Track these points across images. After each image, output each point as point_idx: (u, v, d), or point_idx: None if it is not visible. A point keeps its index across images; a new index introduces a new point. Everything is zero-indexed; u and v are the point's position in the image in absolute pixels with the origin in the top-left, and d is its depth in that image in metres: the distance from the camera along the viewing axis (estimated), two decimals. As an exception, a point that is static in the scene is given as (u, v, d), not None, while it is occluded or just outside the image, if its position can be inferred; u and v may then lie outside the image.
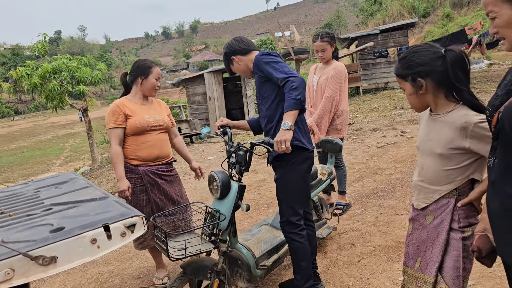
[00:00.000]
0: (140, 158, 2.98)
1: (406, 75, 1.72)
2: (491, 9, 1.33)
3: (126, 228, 1.53)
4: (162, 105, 3.22)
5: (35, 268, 1.32)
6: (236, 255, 2.61)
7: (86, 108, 11.31)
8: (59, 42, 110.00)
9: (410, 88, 1.74)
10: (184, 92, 16.06)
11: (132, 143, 2.99)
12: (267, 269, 2.72)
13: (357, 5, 76.11)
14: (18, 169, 18.06)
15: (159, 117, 3.04)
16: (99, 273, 3.68)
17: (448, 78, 1.64)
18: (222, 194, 2.41)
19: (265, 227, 3.13)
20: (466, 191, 1.73)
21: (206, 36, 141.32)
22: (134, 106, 3.01)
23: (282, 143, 2.24)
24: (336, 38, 4.04)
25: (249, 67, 2.60)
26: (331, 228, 3.46)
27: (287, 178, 2.53)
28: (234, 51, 2.59)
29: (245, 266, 2.60)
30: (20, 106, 55.74)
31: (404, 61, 1.74)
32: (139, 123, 2.93)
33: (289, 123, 2.25)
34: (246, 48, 2.59)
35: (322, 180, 3.28)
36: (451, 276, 1.76)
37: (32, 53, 10.52)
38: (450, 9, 27.25)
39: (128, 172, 3.03)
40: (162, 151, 3.05)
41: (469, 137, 1.63)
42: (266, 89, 2.51)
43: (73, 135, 30.23)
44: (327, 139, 3.41)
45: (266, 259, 2.75)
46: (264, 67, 2.42)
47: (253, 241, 2.88)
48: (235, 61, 2.61)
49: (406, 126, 8.24)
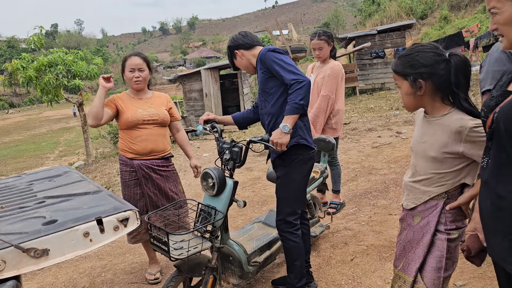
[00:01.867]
0: (135, 152, 2.97)
1: (407, 74, 1.67)
2: (494, 4, 1.31)
3: (119, 222, 1.53)
4: (163, 99, 3.16)
5: (26, 261, 1.32)
6: (228, 251, 2.59)
7: (81, 102, 11.25)
8: (55, 35, 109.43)
9: (408, 87, 1.69)
10: (181, 89, 16.02)
11: (126, 137, 2.99)
12: (259, 266, 2.72)
13: (355, 5, 76.25)
14: (11, 163, 17.95)
15: (154, 111, 3.00)
16: (92, 267, 3.67)
17: (449, 82, 1.61)
18: (219, 190, 2.40)
19: (257, 225, 3.12)
20: (455, 194, 1.73)
21: (204, 32, 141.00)
22: (130, 100, 3.00)
23: (278, 146, 2.28)
24: (334, 38, 4.04)
25: (251, 62, 2.56)
26: (324, 227, 3.46)
27: (290, 177, 2.51)
28: (237, 45, 2.55)
29: (237, 263, 2.58)
30: (14, 99, 55.35)
31: (406, 58, 1.68)
32: (130, 117, 2.92)
33: (289, 127, 2.26)
34: (250, 42, 2.55)
35: (315, 178, 3.28)
36: (431, 277, 1.76)
37: (28, 46, 10.41)
38: (448, 12, 27.34)
39: (123, 165, 3.02)
40: (157, 145, 3.02)
41: (464, 142, 1.62)
42: (272, 86, 2.46)
43: (68, 129, 30.08)
44: (320, 138, 3.39)
45: (258, 256, 2.74)
46: (272, 64, 2.38)
47: (245, 238, 2.87)
48: (238, 56, 2.57)
49: (401, 126, 8.27)
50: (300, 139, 2.45)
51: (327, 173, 3.44)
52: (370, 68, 16.36)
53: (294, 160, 2.48)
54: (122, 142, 3.01)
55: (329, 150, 3.37)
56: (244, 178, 5.95)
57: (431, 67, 1.62)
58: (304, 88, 2.27)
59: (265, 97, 2.55)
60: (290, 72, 2.32)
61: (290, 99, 2.29)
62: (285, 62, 2.36)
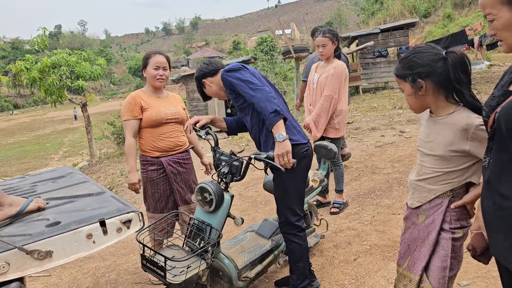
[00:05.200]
0: (160, 149, 3.03)
1: (406, 75, 1.71)
2: (490, 11, 1.32)
3: (122, 223, 1.54)
4: (177, 99, 3.27)
5: (30, 262, 1.33)
6: (217, 265, 2.44)
7: (85, 103, 11.29)
8: (59, 36, 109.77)
9: (410, 89, 1.72)
10: (184, 89, 16.04)
11: (149, 135, 3.03)
12: (249, 281, 2.57)
13: (358, 4, 75.98)
14: (16, 163, 18.05)
15: (175, 110, 3.10)
16: (96, 268, 3.68)
17: (449, 80, 1.63)
18: (216, 207, 2.29)
19: (250, 234, 2.96)
20: (460, 193, 1.73)
21: (207, 32, 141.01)
22: (150, 98, 3.05)
23: (284, 156, 2.23)
24: (338, 37, 4.02)
25: (220, 86, 2.58)
26: (318, 237, 3.31)
27: (285, 178, 2.45)
28: (203, 74, 2.59)
29: (227, 278, 2.44)
30: (19, 100, 55.66)
31: (405, 61, 1.71)
32: (155, 115, 2.98)
33: (283, 134, 2.22)
34: (214, 68, 2.58)
35: (314, 187, 3.16)
36: (436, 276, 1.76)
37: (32, 47, 10.48)
38: (451, 10, 27.23)
39: (148, 164, 3.05)
40: (180, 139, 3.13)
41: (470, 140, 1.62)
42: (242, 102, 2.47)
43: (72, 130, 30.21)
44: (322, 145, 3.22)
45: (249, 271, 2.58)
46: (232, 86, 2.39)
47: (237, 249, 2.73)
48: (206, 84, 2.61)
49: (404, 126, 8.25)
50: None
51: (326, 182, 3.35)
52: (373, 67, 16.30)
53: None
54: (145, 141, 3.04)
55: (330, 158, 3.23)
56: (247, 178, 5.94)
57: (428, 66, 1.64)
58: (263, 99, 2.24)
59: (243, 114, 2.57)
60: (247, 93, 2.31)
61: (263, 115, 2.28)
62: (241, 80, 2.34)
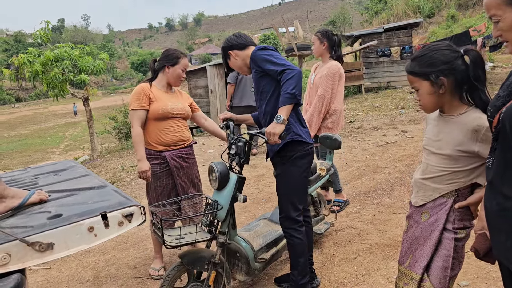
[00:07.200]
0: (164, 143, 3.08)
1: (427, 73, 1.65)
2: (495, 12, 1.32)
3: (124, 217, 1.54)
4: (184, 95, 3.33)
5: (31, 254, 1.33)
6: (235, 247, 2.61)
7: (87, 97, 11.28)
8: (62, 30, 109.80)
9: (429, 87, 1.67)
10: (186, 85, 16.04)
11: (154, 128, 3.07)
12: (266, 263, 2.72)
13: (362, 3, 75.78)
14: (17, 157, 18.08)
15: (181, 106, 3.15)
16: (96, 261, 3.69)
17: (468, 78, 1.61)
18: (221, 185, 2.43)
19: (263, 221, 3.13)
20: (465, 193, 1.72)
21: (210, 29, 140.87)
22: (159, 92, 3.10)
23: (271, 135, 2.24)
24: (340, 36, 4.02)
25: (246, 62, 2.59)
26: (328, 224, 3.46)
27: (287, 174, 2.51)
28: (231, 45, 2.59)
29: (244, 259, 2.59)
30: (21, 94, 55.70)
31: (423, 58, 1.67)
32: (162, 108, 3.02)
33: (282, 117, 2.24)
34: (243, 43, 2.59)
35: (321, 175, 3.30)
36: (437, 275, 1.76)
37: (35, 41, 10.46)
38: (455, 10, 27.12)
39: (151, 158, 3.09)
40: (184, 134, 3.18)
41: (480, 141, 1.61)
42: (265, 84, 2.49)
43: (74, 124, 30.24)
44: (327, 135, 3.42)
45: (265, 253, 2.75)
46: (261, 62, 2.41)
47: (252, 234, 2.88)
48: (232, 56, 2.61)
49: (407, 125, 8.24)
50: (294, 136, 2.45)
51: (333, 171, 3.44)
52: (376, 66, 16.27)
53: (291, 157, 2.49)
54: (149, 134, 3.08)
55: (335, 148, 3.40)
56: (248, 175, 5.95)
57: (451, 63, 1.62)
58: (294, 78, 2.26)
59: (259, 96, 2.58)
60: (279, 64, 2.33)
61: (282, 90, 2.28)
62: (274, 57, 2.38)
